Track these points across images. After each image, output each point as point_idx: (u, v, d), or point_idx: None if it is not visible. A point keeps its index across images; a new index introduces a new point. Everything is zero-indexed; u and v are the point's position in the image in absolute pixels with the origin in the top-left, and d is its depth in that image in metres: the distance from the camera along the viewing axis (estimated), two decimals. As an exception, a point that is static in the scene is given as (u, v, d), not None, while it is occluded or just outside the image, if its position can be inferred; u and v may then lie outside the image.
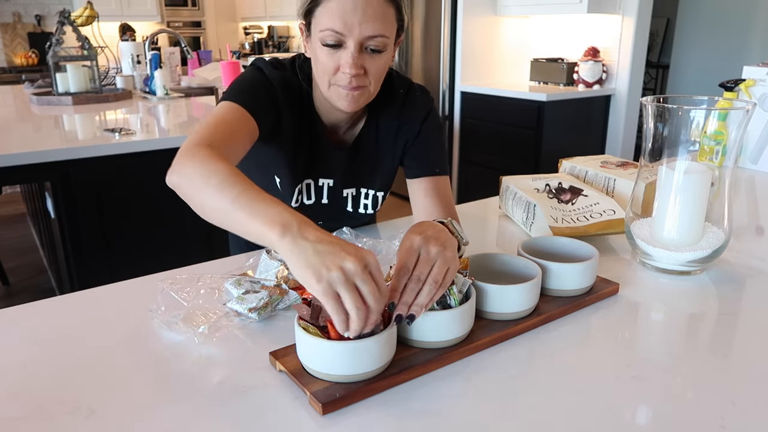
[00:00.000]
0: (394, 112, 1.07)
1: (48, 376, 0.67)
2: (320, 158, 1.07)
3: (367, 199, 1.13)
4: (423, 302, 0.66)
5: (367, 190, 1.12)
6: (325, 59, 0.90)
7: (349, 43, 0.88)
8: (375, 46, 0.89)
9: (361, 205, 1.13)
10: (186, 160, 0.77)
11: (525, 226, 1.13)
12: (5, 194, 4.26)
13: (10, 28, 5.57)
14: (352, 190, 1.12)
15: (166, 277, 0.89)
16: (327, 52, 0.89)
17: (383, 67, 0.93)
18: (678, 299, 0.87)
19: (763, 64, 1.57)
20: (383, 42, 0.89)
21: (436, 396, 0.63)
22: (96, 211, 1.85)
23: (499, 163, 3.67)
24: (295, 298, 0.81)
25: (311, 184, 1.09)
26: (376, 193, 1.12)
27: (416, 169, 1.07)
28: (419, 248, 0.68)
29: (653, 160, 0.93)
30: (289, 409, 0.61)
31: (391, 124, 1.08)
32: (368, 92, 0.94)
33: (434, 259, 0.67)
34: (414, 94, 1.08)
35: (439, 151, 1.10)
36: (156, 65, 3.01)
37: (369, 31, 0.87)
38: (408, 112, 1.07)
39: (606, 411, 0.60)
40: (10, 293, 2.89)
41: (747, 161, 1.61)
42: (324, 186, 1.10)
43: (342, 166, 1.09)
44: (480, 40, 3.93)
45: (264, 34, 6.58)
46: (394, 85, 1.07)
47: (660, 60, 5.73)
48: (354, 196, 1.12)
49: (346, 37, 0.87)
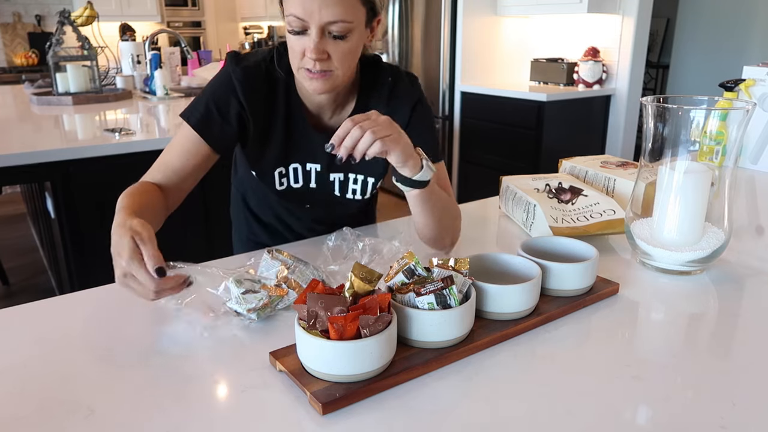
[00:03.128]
0: (383, 99, 1.08)
1: (48, 376, 0.67)
2: (304, 143, 1.08)
3: (355, 184, 1.13)
4: (362, 148, 0.81)
5: (355, 175, 1.12)
6: (293, 44, 0.93)
7: (311, 29, 0.90)
8: (337, 31, 0.91)
9: (349, 191, 1.13)
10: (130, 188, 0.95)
11: (525, 226, 1.13)
12: (5, 194, 4.26)
13: (10, 28, 5.57)
14: (339, 175, 1.12)
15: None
16: (294, 37, 0.92)
17: (349, 51, 0.94)
18: (678, 299, 0.87)
19: (763, 64, 1.57)
20: (346, 27, 0.91)
21: (436, 396, 0.63)
22: (96, 211, 1.85)
23: (499, 163, 3.67)
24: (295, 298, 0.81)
25: (298, 168, 1.10)
26: (366, 179, 1.13)
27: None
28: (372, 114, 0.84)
29: (653, 160, 0.93)
30: (289, 409, 0.61)
31: (379, 110, 1.08)
32: (335, 76, 0.96)
33: (382, 122, 0.83)
34: (402, 82, 1.09)
35: (430, 138, 1.11)
36: (156, 65, 3.01)
37: (329, 17, 0.88)
38: (397, 101, 1.08)
39: (606, 411, 0.60)
40: (10, 293, 2.89)
41: (747, 161, 1.61)
42: (312, 171, 1.11)
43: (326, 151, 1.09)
44: (480, 40, 3.93)
45: (264, 34, 6.58)
46: (382, 72, 1.08)
47: (660, 60, 5.73)
48: (342, 181, 1.13)
49: (308, 22, 0.89)
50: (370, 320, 0.61)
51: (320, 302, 0.63)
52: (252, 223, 1.25)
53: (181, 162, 1.02)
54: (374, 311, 0.63)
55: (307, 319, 0.63)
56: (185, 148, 1.02)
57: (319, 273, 0.87)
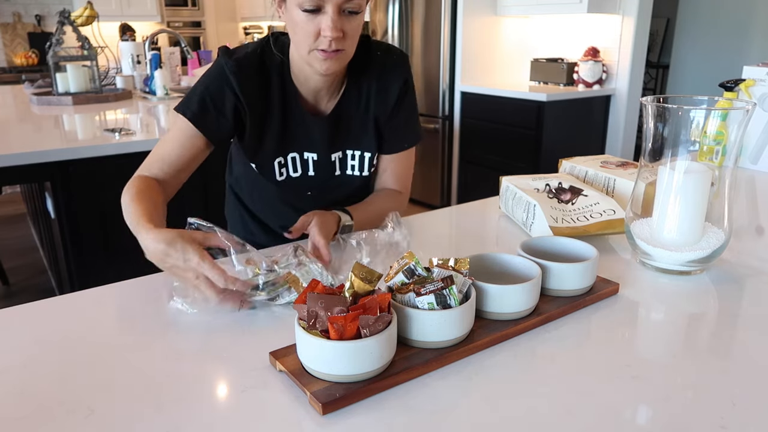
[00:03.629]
0: (374, 74, 1.10)
1: (48, 376, 0.67)
2: (301, 130, 1.09)
3: (354, 160, 1.15)
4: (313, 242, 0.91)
5: (353, 151, 1.14)
6: (305, 25, 0.92)
7: (327, 8, 0.90)
8: (353, 8, 0.91)
9: (348, 167, 1.15)
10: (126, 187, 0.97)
11: (525, 226, 1.13)
12: (5, 194, 4.26)
13: (10, 28, 5.57)
14: (338, 154, 1.14)
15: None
16: (306, 17, 0.91)
17: (359, 27, 0.95)
18: (678, 299, 0.87)
19: (763, 64, 1.57)
20: (360, 3, 0.91)
21: (436, 396, 0.63)
22: (96, 211, 1.86)
23: (499, 163, 3.68)
24: (316, 272, 0.83)
25: (296, 157, 1.11)
26: (363, 153, 1.14)
27: (389, 145, 1.15)
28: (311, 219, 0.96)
29: (653, 160, 0.93)
30: (289, 409, 0.61)
31: (371, 85, 1.11)
32: (346, 54, 0.97)
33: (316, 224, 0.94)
34: (392, 58, 1.11)
35: (415, 119, 1.16)
36: (156, 65, 3.01)
37: None
38: (388, 77, 1.10)
39: (606, 411, 0.60)
40: (10, 293, 2.89)
41: (747, 161, 1.61)
42: (309, 159, 1.12)
43: (324, 135, 1.11)
44: (480, 40, 3.93)
45: (264, 34, 6.58)
46: (371, 47, 1.09)
47: (660, 60, 5.73)
48: (341, 159, 1.15)
49: (325, 1, 0.89)
50: (370, 320, 0.61)
51: (320, 302, 0.63)
52: (248, 221, 1.25)
53: (177, 154, 1.03)
54: (374, 311, 0.63)
55: (307, 319, 0.63)
56: (180, 141, 1.03)
57: (325, 276, 0.86)
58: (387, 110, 1.12)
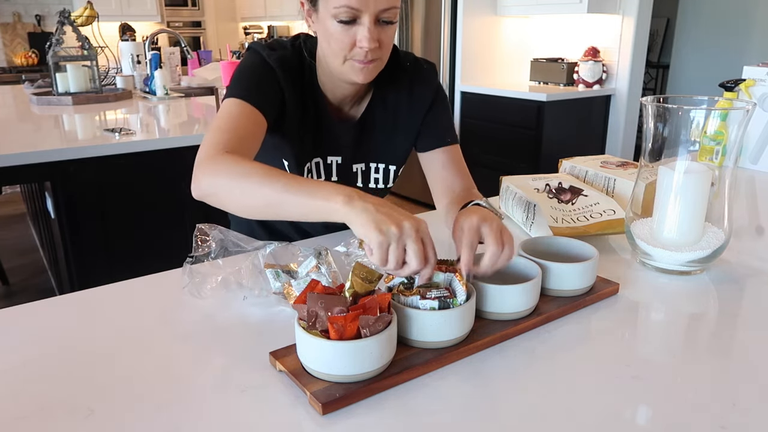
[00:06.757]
0: (404, 85, 1.09)
1: (48, 376, 0.66)
2: (327, 136, 1.08)
3: (378, 173, 1.13)
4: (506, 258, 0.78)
5: (377, 164, 1.13)
6: (340, 35, 0.91)
7: (364, 19, 0.89)
8: (388, 17, 0.90)
9: (371, 180, 1.14)
10: (213, 168, 0.81)
11: (525, 226, 1.13)
12: (5, 194, 4.26)
13: (10, 28, 5.57)
14: (361, 165, 1.13)
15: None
16: (341, 28, 0.90)
17: (393, 36, 0.96)
18: (678, 299, 0.87)
19: (763, 64, 1.57)
20: (396, 12, 0.91)
21: (436, 396, 0.63)
22: (96, 211, 1.86)
23: (499, 163, 3.67)
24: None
25: (320, 162, 1.10)
26: (388, 167, 1.13)
27: (431, 141, 1.11)
28: (479, 226, 0.79)
29: (653, 160, 0.93)
30: (289, 409, 0.61)
31: (401, 97, 1.10)
32: (381, 63, 0.96)
33: (497, 229, 0.78)
34: (422, 68, 1.12)
35: (449, 121, 1.14)
36: (156, 65, 3.01)
37: (384, 4, 0.88)
38: (419, 86, 1.10)
39: (606, 411, 0.60)
40: (10, 293, 2.89)
41: (747, 161, 1.61)
42: (333, 163, 1.10)
43: (349, 142, 1.09)
44: (480, 40, 3.93)
45: (264, 34, 6.58)
46: (400, 58, 1.09)
47: (660, 60, 5.73)
48: (363, 171, 1.13)
49: (362, 12, 0.88)
50: (370, 320, 0.61)
51: (320, 302, 0.63)
52: (254, 227, 1.24)
53: (248, 130, 0.92)
54: (374, 311, 0.63)
55: (307, 319, 0.63)
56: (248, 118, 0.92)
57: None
58: (421, 113, 1.10)
